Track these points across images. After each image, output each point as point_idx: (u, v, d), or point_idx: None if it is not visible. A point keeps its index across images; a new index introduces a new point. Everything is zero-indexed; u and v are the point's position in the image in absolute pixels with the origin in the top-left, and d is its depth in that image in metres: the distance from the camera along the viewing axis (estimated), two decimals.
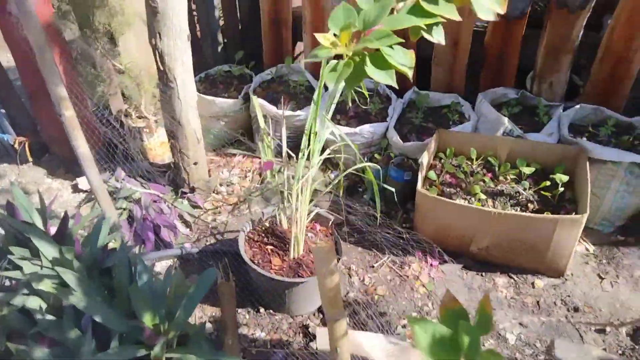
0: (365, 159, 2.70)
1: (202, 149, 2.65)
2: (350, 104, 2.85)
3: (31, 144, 2.94)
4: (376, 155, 2.74)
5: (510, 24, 2.55)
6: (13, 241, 1.44)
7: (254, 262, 1.91)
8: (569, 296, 2.21)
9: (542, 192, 2.29)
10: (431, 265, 2.34)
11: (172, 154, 2.65)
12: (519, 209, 2.26)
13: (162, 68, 2.26)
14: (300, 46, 3.46)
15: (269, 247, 2.00)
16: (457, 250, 2.34)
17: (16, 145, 2.90)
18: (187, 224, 2.63)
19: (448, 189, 2.40)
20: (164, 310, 1.28)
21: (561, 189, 2.23)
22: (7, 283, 1.44)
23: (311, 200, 1.96)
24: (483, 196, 2.28)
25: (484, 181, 2.38)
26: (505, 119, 2.49)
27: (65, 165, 2.99)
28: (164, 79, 2.31)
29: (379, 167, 2.12)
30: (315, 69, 3.07)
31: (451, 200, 2.22)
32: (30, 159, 3.00)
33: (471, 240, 2.27)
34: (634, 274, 2.27)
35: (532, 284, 2.27)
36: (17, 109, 3.01)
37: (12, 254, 1.37)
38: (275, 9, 2.93)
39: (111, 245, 1.77)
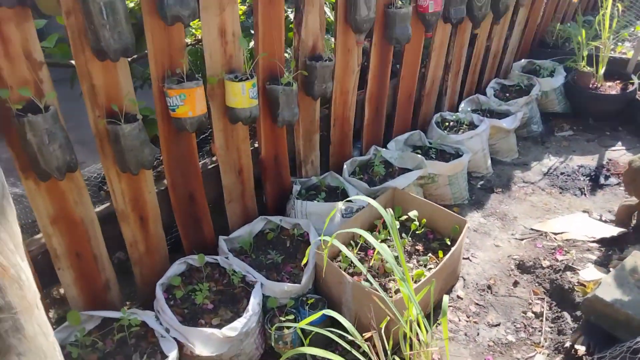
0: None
1: None
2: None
3: None
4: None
5: None
6: None
7: None
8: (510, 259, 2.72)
9: (416, 232, 2.62)
10: None
11: None
12: (420, 253, 2.51)
13: None
14: None
15: None
16: None
17: None
18: None
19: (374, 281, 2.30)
20: None
21: (423, 221, 2.64)
22: None
23: None
24: (412, 265, 2.36)
25: (382, 259, 2.44)
26: (341, 208, 2.59)
27: None
28: None
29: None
30: None
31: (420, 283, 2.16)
32: None
33: (427, 304, 2.34)
34: (499, 209, 3.28)
35: (457, 296, 2.61)
36: None
37: None
38: None
39: None
